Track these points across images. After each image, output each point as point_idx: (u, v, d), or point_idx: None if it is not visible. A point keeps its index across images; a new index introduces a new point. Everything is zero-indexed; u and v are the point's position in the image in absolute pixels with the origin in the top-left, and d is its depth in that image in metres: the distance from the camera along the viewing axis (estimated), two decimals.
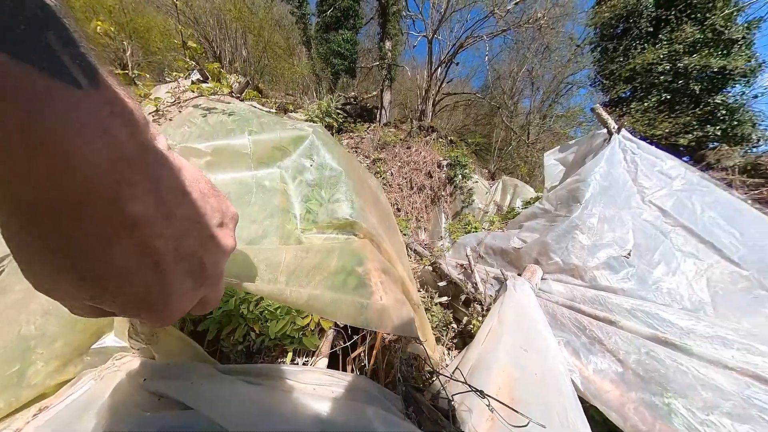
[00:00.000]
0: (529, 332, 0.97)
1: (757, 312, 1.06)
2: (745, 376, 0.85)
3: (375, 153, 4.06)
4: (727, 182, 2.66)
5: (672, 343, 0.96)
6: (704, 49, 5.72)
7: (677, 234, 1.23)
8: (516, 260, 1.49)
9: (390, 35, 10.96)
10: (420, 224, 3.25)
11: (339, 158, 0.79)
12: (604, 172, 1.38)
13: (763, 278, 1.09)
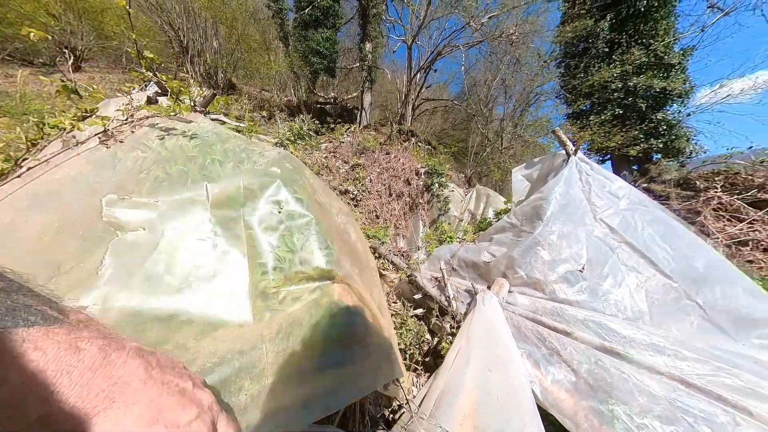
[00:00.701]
0: (495, 348, 1.03)
1: (683, 319, 1.22)
2: (673, 380, 0.97)
3: (354, 158, 4.04)
4: (666, 194, 3.03)
5: (616, 352, 1.08)
6: (649, 71, 6.44)
7: (622, 249, 1.38)
8: (486, 273, 1.57)
9: (371, 37, 10.93)
10: (399, 231, 3.29)
11: (309, 202, 0.75)
12: (563, 192, 1.51)
13: (689, 289, 1.26)
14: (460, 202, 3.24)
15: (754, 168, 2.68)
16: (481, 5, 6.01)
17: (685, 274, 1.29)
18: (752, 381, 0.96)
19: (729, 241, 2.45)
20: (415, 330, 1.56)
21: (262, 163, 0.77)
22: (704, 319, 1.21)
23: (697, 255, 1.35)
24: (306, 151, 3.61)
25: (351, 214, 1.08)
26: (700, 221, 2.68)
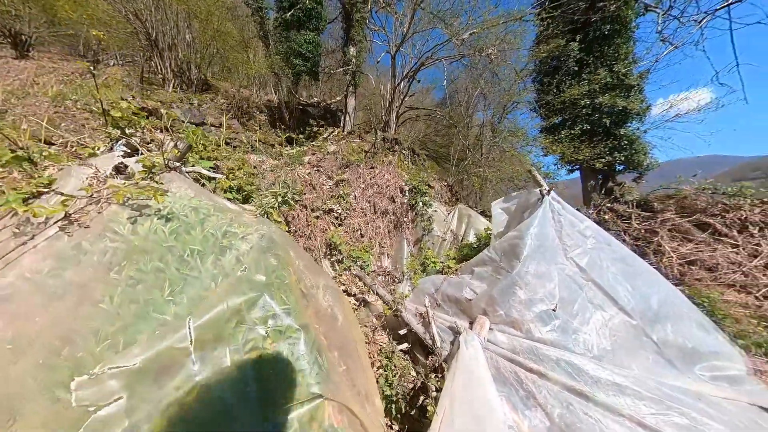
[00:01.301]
0: (477, 404, 1.07)
1: (641, 356, 1.35)
2: (633, 422, 1.07)
3: (338, 173, 3.99)
4: (628, 215, 3.32)
5: (584, 394, 1.16)
6: (612, 91, 6.99)
7: (590, 288, 1.49)
8: (468, 309, 1.63)
9: (354, 41, 10.85)
10: (383, 250, 3.30)
11: (297, 308, 0.70)
12: (537, 232, 1.60)
13: (646, 326, 1.39)
14: (443, 221, 3.32)
15: (697, 194, 3.01)
16: (462, 22, 6.20)
17: (642, 312, 1.42)
18: (698, 419, 1.08)
19: (681, 260, 2.73)
20: (401, 366, 1.59)
21: (246, 260, 0.73)
22: (658, 354, 1.34)
23: (653, 292, 1.49)
24: (289, 167, 3.52)
25: (338, 290, 1.05)
26: (657, 240, 2.96)
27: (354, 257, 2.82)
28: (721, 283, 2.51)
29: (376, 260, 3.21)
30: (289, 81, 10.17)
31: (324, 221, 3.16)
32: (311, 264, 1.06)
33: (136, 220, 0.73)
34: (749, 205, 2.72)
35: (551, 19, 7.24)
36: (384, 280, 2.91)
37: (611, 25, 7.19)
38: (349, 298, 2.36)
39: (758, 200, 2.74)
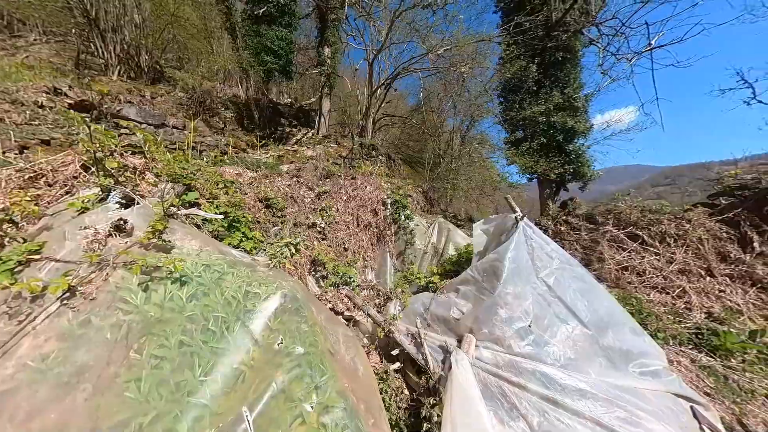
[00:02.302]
0: (473, 424, 1.20)
1: (595, 361, 1.62)
2: (592, 422, 1.30)
3: (319, 185, 3.94)
4: (579, 226, 3.85)
5: (556, 401, 1.38)
6: (564, 111, 7.93)
7: (556, 304, 1.74)
8: (456, 328, 1.78)
9: (329, 42, 10.64)
10: (367, 263, 3.36)
11: (334, 375, 0.68)
12: (514, 256, 1.82)
13: (598, 335, 1.68)
14: (424, 234, 3.49)
15: (630, 209, 3.61)
16: (437, 38, 6.51)
17: (595, 323, 1.71)
18: (633, 412, 1.36)
19: (617, 266, 3.27)
20: (394, 387, 1.68)
21: (276, 325, 0.73)
22: (606, 359, 1.63)
23: (602, 305, 1.79)
24: (268, 179, 3.38)
25: (354, 339, 1.07)
26: (600, 249, 3.50)
27: (339, 273, 2.84)
28: (646, 285, 3.08)
29: (361, 274, 3.26)
30: (259, 78, 9.60)
31: (307, 236, 3.11)
32: (329, 315, 1.08)
33: (148, 286, 0.69)
34: (667, 220, 3.36)
35: (515, 44, 7.99)
36: (369, 294, 2.98)
37: (563, 52, 8.14)
38: (337, 317, 2.38)
39: (673, 216, 3.39)
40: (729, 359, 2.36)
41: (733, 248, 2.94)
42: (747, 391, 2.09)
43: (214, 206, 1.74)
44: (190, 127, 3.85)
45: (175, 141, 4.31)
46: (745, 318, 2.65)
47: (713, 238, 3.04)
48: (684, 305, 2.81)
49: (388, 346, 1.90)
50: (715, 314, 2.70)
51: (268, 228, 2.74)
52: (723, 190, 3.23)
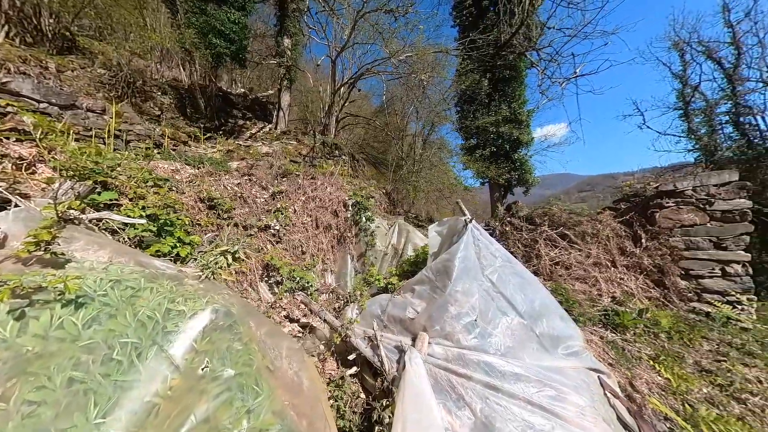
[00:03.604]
0: (423, 419, 1.25)
1: (530, 347, 1.83)
2: (525, 402, 1.47)
3: (275, 185, 3.69)
4: (521, 227, 4.34)
5: (496, 387, 1.52)
6: (510, 124, 8.86)
7: (499, 299, 1.93)
8: (411, 327, 1.84)
9: (290, 33, 10.12)
10: (326, 266, 3.26)
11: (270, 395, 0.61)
12: (464, 255, 1.96)
13: (533, 324, 1.90)
14: (384, 235, 3.53)
15: (561, 212, 4.21)
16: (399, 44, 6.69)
17: (530, 313, 1.94)
18: (559, 389, 1.57)
19: (551, 262, 3.78)
20: (350, 392, 1.65)
21: (204, 346, 0.64)
22: (539, 344, 1.86)
23: (537, 297, 2.04)
24: (213, 177, 3.03)
25: (300, 350, 1.00)
26: (538, 247, 4.00)
27: (295, 278, 2.70)
28: (572, 277, 3.62)
29: (320, 278, 3.15)
30: (206, 62, 8.63)
31: (260, 239, 2.89)
32: (272, 328, 0.99)
33: (24, 314, 0.55)
34: (586, 221, 4.00)
35: (469, 58, 8.68)
36: (328, 298, 2.89)
37: (510, 71, 9.12)
38: (292, 324, 2.25)
39: (590, 217, 4.05)
40: (626, 333, 2.91)
41: (628, 244, 3.64)
42: (636, 358, 2.60)
43: (139, 208, 1.48)
44: (111, 111, 3.25)
45: (90, 127, 3.57)
46: (636, 299, 3.31)
47: (616, 236, 3.72)
48: (597, 292, 3.39)
49: (346, 351, 1.87)
50: (617, 298, 3.31)
51: (210, 232, 2.45)
52: (622, 197, 3.98)
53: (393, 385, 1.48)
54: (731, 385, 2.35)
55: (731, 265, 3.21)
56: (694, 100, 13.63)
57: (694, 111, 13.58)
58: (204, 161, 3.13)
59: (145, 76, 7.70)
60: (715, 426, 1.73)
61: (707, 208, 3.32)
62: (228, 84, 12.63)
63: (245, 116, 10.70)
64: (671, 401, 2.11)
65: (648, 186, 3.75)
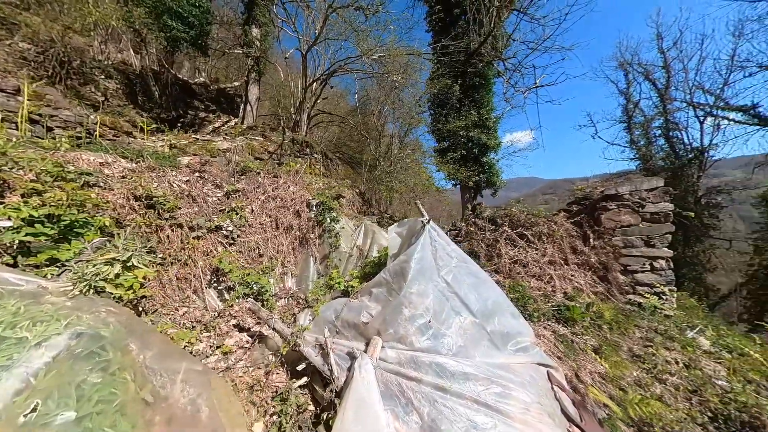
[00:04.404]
0: (367, 428, 1.19)
1: (481, 344, 1.86)
2: (471, 401, 1.47)
3: (231, 182, 3.42)
4: (484, 227, 4.51)
5: (444, 389, 1.51)
6: (480, 129, 9.24)
7: (453, 299, 1.94)
8: (365, 332, 1.77)
9: (259, 22, 9.61)
10: (286, 269, 3.08)
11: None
12: (420, 257, 1.94)
13: (484, 322, 1.94)
14: (350, 236, 3.44)
15: (520, 213, 4.45)
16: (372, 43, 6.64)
17: (482, 312, 1.97)
18: (506, 386, 1.61)
19: (510, 261, 3.97)
20: (296, 405, 1.54)
21: (44, 384, 0.47)
22: (490, 341, 1.90)
23: (489, 296, 2.09)
24: (156, 172, 2.70)
25: (204, 372, 0.84)
26: (498, 247, 4.18)
27: (249, 282, 2.50)
28: (529, 274, 3.83)
29: (279, 282, 2.97)
30: (161, 46, 7.87)
31: (209, 242, 2.64)
32: (165, 348, 0.83)
33: None
34: (542, 222, 4.26)
35: (441, 63, 8.92)
36: (287, 303, 2.73)
37: (479, 78, 9.53)
38: (241, 334, 2.07)
39: (546, 218, 4.33)
40: (575, 327, 3.13)
41: (579, 243, 3.94)
42: (583, 350, 2.81)
43: (31, 206, 1.22)
44: (24, 91, 2.76)
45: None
46: (584, 294, 3.58)
47: (569, 235, 4.02)
48: (551, 288, 3.61)
49: (297, 361, 1.74)
50: (569, 293, 3.56)
51: (148, 233, 2.17)
52: (574, 200, 4.32)
53: (337, 395, 1.39)
54: (655, 367, 2.63)
55: (658, 261, 3.62)
56: (635, 115, 15.48)
57: (635, 125, 15.41)
58: (145, 155, 2.78)
59: (85, 56, 6.81)
60: (639, 408, 1.90)
61: (640, 210, 3.70)
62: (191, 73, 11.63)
63: (209, 108, 9.91)
64: (609, 388, 2.29)
65: (595, 190, 4.10)
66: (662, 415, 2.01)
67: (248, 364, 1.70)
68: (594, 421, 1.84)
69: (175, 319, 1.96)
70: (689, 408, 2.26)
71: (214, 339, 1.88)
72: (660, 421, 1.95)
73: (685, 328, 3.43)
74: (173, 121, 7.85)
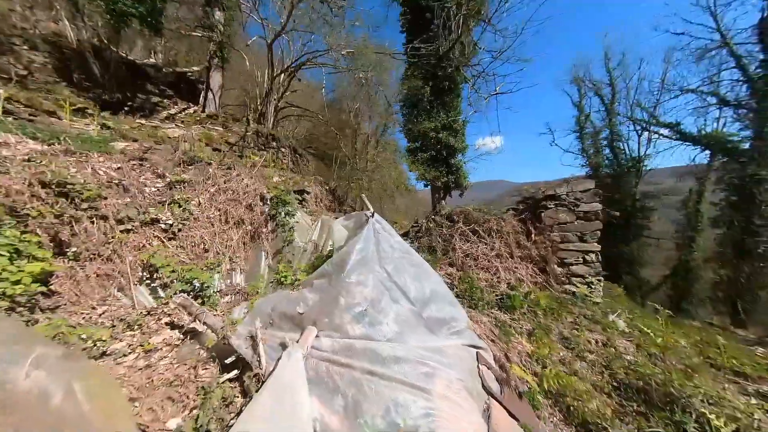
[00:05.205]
0: (284, 413, 1.21)
1: (417, 330, 1.97)
2: (398, 382, 1.56)
3: (176, 172, 3.19)
4: (442, 224, 4.73)
5: (375, 372, 1.58)
6: (448, 131, 9.60)
7: (393, 289, 2.02)
8: (301, 322, 1.79)
9: (223, 5, 9.05)
10: (235, 265, 2.97)
11: None
12: (361, 248, 2.00)
13: (421, 309, 2.05)
14: (306, 231, 3.40)
15: (475, 212, 4.74)
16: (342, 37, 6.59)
17: (420, 300, 2.09)
18: (434, 366, 1.72)
19: (463, 254, 4.23)
20: (220, 399, 1.51)
21: None
22: (426, 327, 2.02)
23: (429, 286, 2.22)
24: (76, 157, 2.43)
25: (65, 363, 0.74)
26: (454, 241, 4.42)
27: (189, 279, 2.37)
28: (479, 267, 4.10)
29: (226, 277, 2.85)
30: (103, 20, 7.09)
31: (142, 236, 2.45)
32: (17, 332, 0.77)
33: None
34: (493, 219, 4.59)
35: (414, 65, 9.13)
36: (233, 299, 2.63)
37: (449, 82, 9.90)
38: (172, 332, 1.96)
39: (496, 216, 4.66)
40: (514, 314, 3.43)
41: (523, 238, 4.31)
42: (519, 333, 3.09)
43: None
44: None
45: None
46: (525, 284, 3.94)
47: (515, 232, 4.38)
48: (497, 279, 3.91)
49: (227, 355, 1.70)
50: (512, 284, 3.89)
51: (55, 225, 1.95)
52: (522, 200, 4.71)
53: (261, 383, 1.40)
54: (578, 346, 2.98)
55: (589, 254, 4.09)
56: (586, 126, 17.26)
57: (586, 135, 17.17)
58: (62, 138, 2.48)
59: (3, 21, 5.95)
60: (554, 381, 2.15)
61: (575, 209, 4.15)
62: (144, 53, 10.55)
63: (164, 93, 9.08)
64: (534, 366, 2.56)
65: (539, 191, 4.51)
66: (575, 387, 2.29)
67: (173, 361, 1.62)
68: (514, 395, 2.05)
69: (91, 318, 1.79)
70: (600, 379, 2.61)
71: (139, 337, 1.76)
72: (573, 392, 2.23)
73: (608, 313, 3.92)
74: (118, 104, 7.07)
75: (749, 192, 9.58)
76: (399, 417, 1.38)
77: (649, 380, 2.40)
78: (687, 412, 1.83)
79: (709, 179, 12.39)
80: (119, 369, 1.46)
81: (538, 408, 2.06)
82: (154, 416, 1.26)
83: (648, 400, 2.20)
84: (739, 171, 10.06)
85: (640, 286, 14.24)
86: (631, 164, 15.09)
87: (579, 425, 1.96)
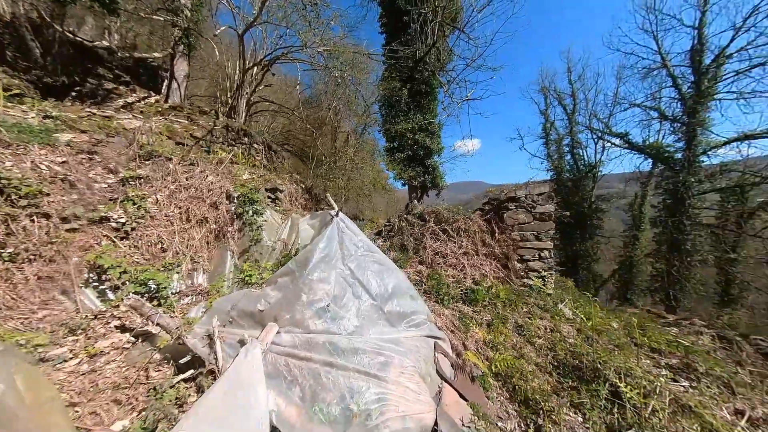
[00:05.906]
0: (237, 407, 1.25)
1: (377, 324, 2.09)
2: (354, 371, 1.66)
3: (131, 168, 3.01)
4: (414, 223, 4.92)
5: (333, 364, 1.66)
6: (424, 133, 9.88)
7: (355, 285, 2.12)
8: (261, 319, 1.81)
9: None
10: (197, 265, 2.87)
11: None
12: (324, 246, 2.07)
13: (382, 304, 2.17)
14: (276, 230, 3.37)
15: (445, 212, 4.98)
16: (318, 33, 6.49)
17: (382, 295, 2.20)
18: (390, 356, 1.84)
19: (433, 252, 4.44)
20: (177, 396, 1.50)
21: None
22: (386, 321, 2.14)
23: (391, 282, 2.34)
24: (11, 149, 2.21)
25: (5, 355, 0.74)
26: (425, 240, 4.62)
27: (143, 280, 2.27)
28: (447, 264, 4.34)
29: (187, 278, 2.75)
30: None
31: (90, 235, 2.29)
32: None
33: None
34: (462, 219, 4.87)
35: (393, 67, 9.27)
36: (193, 300, 2.56)
37: (425, 85, 10.19)
38: (123, 335, 1.88)
39: (465, 216, 4.95)
40: (476, 306, 3.69)
41: (488, 237, 4.63)
42: (479, 324, 3.34)
43: None
44: None
45: None
46: (489, 279, 4.24)
47: (481, 231, 4.68)
48: (463, 275, 4.17)
49: (182, 355, 1.68)
50: (476, 279, 4.17)
51: None
52: (487, 201, 5.04)
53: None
54: (529, 333, 3.30)
55: (544, 251, 4.50)
56: (551, 133, 18.66)
57: (551, 141, 18.56)
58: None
59: None
60: (501, 364, 2.39)
61: (533, 210, 4.54)
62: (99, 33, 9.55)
63: (119, 79, 8.32)
64: (488, 352, 2.80)
65: (502, 193, 4.86)
66: (521, 368, 2.56)
67: (121, 364, 1.58)
68: (467, 379, 2.24)
69: (30, 323, 1.67)
70: (544, 361, 2.92)
71: (83, 342, 1.67)
72: (518, 373, 2.48)
73: (557, 303, 4.35)
74: (63, 88, 6.37)
75: (680, 196, 11.03)
76: (353, 403, 1.48)
77: (582, 359, 2.74)
78: (605, 383, 2.14)
79: (650, 184, 14.03)
80: (58, 374, 1.39)
81: (488, 389, 2.28)
82: (98, 419, 1.23)
83: (581, 376, 2.52)
84: (673, 178, 11.52)
85: (594, 280, 15.81)
86: (589, 169, 16.64)
87: (521, 402, 2.20)
